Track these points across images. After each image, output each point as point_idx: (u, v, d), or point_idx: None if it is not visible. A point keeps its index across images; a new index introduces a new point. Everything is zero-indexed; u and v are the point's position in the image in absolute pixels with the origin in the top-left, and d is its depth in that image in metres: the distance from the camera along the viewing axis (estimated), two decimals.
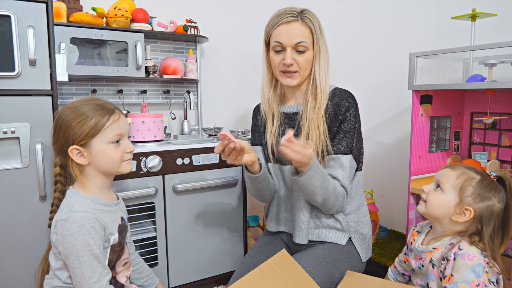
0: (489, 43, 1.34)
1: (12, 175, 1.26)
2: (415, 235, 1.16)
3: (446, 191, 1.01)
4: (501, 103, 1.69)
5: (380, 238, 2.27)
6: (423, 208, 1.06)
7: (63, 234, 0.95)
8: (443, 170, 1.06)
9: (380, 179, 2.46)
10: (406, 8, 2.21)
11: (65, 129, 0.99)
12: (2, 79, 1.23)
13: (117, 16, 1.81)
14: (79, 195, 1.01)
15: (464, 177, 1.00)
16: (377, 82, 2.40)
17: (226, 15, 2.38)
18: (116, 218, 1.07)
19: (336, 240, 1.23)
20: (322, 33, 1.22)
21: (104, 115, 1.01)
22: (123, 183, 1.53)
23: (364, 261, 1.28)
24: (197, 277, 1.74)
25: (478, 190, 0.98)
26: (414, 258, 1.11)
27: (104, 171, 1.04)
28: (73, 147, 0.99)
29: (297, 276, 0.99)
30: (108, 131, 1.01)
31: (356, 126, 1.22)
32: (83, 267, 0.94)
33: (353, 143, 1.21)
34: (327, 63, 1.23)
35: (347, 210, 1.25)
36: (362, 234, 1.27)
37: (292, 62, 1.20)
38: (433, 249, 1.03)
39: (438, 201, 1.02)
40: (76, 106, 1.01)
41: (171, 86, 2.19)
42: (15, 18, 1.23)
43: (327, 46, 1.23)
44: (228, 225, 1.79)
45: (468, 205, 0.98)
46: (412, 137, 1.65)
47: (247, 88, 2.47)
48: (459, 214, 0.99)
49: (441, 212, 1.02)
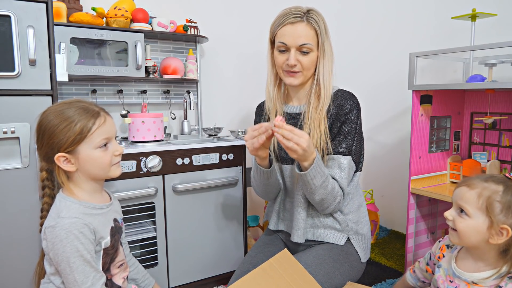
0: (489, 43, 1.34)
1: (12, 175, 1.26)
2: (444, 249, 1.08)
3: (472, 216, 0.92)
4: (501, 103, 1.70)
5: (380, 238, 2.27)
6: (456, 239, 0.97)
7: (52, 241, 0.93)
8: (460, 191, 0.97)
9: (380, 179, 2.46)
10: (406, 8, 2.22)
11: (49, 136, 0.95)
12: (2, 79, 1.23)
13: (117, 16, 1.81)
14: (68, 200, 0.98)
15: (486, 194, 0.91)
16: (377, 82, 2.40)
17: (226, 15, 2.38)
18: (108, 221, 1.04)
19: (334, 241, 1.23)
20: (327, 34, 1.21)
21: (89, 119, 0.96)
22: (123, 183, 1.53)
23: (364, 261, 1.27)
24: (197, 277, 1.73)
25: (506, 203, 0.89)
26: (443, 276, 1.03)
27: (94, 177, 1.01)
28: (59, 155, 0.95)
29: (298, 276, 0.99)
30: (94, 136, 0.96)
31: (357, 128, 1.21)
32: (75, 273, 0.92)
33: (353, 144, 1.20)
34: (331, 64, 1.23)
35: (346, 210, 1.25)
36: (361, 234, 1.27)
37: (295, 63, 1.20)
38: (472, 283, 0.95)
39: (469, 229, 0.92)
40: (59, 110, 0.96)
41: (171, 86, 2.19)
42: (15, 18, 1.23)
43: (332, 47, 1.23)
44: (228, 225, 1.79)
45: (503, 224, 0.89)
46: (412, 137, 1.65)
47: (247, 88, 2.47)
48: (495, 236, 0.90)
49: (476, 239, 0.93)
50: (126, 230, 1.61)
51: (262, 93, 2.09)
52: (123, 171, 1.51)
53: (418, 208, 1.70)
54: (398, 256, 2.00)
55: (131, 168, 1.53)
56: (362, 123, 1.26)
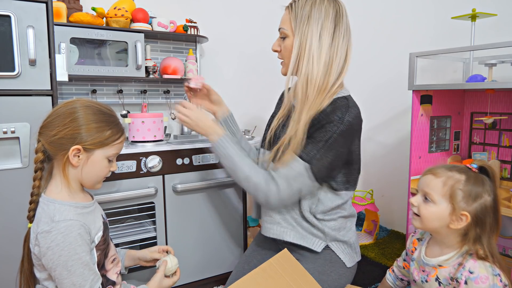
0: (489, 43, 1.34)
1: (12, 175, 1.26)
2: (415, 243, 1.14)
3: (436, 202, 0.99)
4: (501, 103, 1.70)
5: (380, 238, 2.27)
6: (418, 223, 1.04)
7: (46, 246, 0.91)
8: (426, 178, 1.03)
9: (380, 179, 2.46)
10: (406, 8, 2.22)
11: (78, 126, 0.95)
12: (2, 79, 1.23)
13: (117, 16, 1.81)
14: (56, 202, 0.96)
15: (450, 182, 0.98)
16: (377, 82, 2.40)
17: (226, 15, 2.37)
18: (97, 217, 1.05)
19: (311, 246, 1.17)
20: (308, 21, 1.11)
21: (118, 131, 1.01)
22: (123, 183, 1.53)
23: (350, 266, 1.21)
24: (197, 277, 1.73)
25: (467, 192, 0.96)
26: (417, 268, 1.09)
27: (85, 180, 1.01)
28: (77, 147, 0.95)
29: (298, 276, 0.99)
30: (113, 148, 1.01)
31: (329, 140, 1.07)
32: (73, 276, 0.91)
33: (316, 154, 1.08)
34: (317, 56, 1.10)
35: (323, 216, 1.17)
36: (342, 241, 1.20)
37: (275, 48, 1.22)
38: (438, 266, 1.01)
39: (432, 214, 1.00)
40: (97, 109, 0.99)
41: (171, 86, 2.19)
42: (15, 18, 1.23)
43: (319, 39, 1.10)
44: (228, 225, 1.79)
45: (463, 210, 0.96)
46: (412, 137, 1.65)
47: (247, 88, 2.47)
48: (456, 221, 0.98)
49: (438, 224, 1.00)
50: (126, 230, 1.61)
51: (262, 93, 2.09)
52: (123, 171, 1.51)
53: None
54: (398, 256, 2.00)
55: (131, 168, 1.53)
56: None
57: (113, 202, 1.49)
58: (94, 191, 1.44)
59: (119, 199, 1.49)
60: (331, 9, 1.12)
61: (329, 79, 1.12)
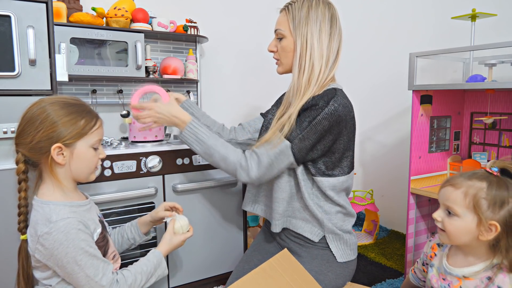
0: (489, 43, 1.34)
1: (12, 175, 1.25)
2: (435, 248, 1.08)
3: (460, 215, 0.92)
4: (501, 103, 1.70)
5: (380, 238, 2.27)
6: (446, 239, 0.97)
7: (50, 247, 0.91)
8: (446, 191, 0.97)
9: (380, 179, 2.47)
10: (406, 8, 2.22)
11: (51, 125, 0.94)
12: (2, 79, 1.23)
13: (117, 16, 1.81)
14: (51, 203, 0.96)
15: (472, 192, 0.91)
16: (377, 82, 2.41)
17: (226, 15, 2.38)
18: (94, 215, 1.06)
19: (310, 236, 1.19)
20: (307, 22, 1.16)
21: (92, 119, 1.00)
22: (123, 183, 1.53)
23: (341, 261, 1.20)
24: (197, 277, 1.73)
25: (492, 199, 0.89)
26: (436, 275, 1.04)
27: (77, 175, 1.01)
28: (57, 145, 0.94)
29: (298, 276, 0.99)
30: (93, 135, 1.00)
31: (313, 121, 1.09)
32: (85, 269, 0.92)
33: (298, 134, 1.10)
34: (317, 55, 1.16)
35: (327, 209, 1.20)
36: (338, 235, 1.20)
37: (271, 49, 1.25)
38: (463, 277, 0.96)
39: (458, 229, 0.93)
40: (64, 103, 0.97)
41: (171, 86, 2.19)
42: (15, 18, 1.23)
43: (319, 38, 1.16)
44: (228, 225, 1.79)
45: (491, 220, 0.89)
46: (412, 137, 1.65)
47: (247, 88, 2.47)
48: (485, 232, 0.90)
49: (467, 238, 0.93)
50: None
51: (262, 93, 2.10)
52: (123, 171, 1.51)
53: (418, 208, 1.70)
54: (398, 256, 2.00)
55: (131, 168, 1.53)
56: (360, 123, 1.19)
57: (113, 202, 1.49)
58: (94, 191, 1.45)
59: (119, 199, 1.49)
60: (326, 11, 1.19)
61: (324, 74, 1.19)
